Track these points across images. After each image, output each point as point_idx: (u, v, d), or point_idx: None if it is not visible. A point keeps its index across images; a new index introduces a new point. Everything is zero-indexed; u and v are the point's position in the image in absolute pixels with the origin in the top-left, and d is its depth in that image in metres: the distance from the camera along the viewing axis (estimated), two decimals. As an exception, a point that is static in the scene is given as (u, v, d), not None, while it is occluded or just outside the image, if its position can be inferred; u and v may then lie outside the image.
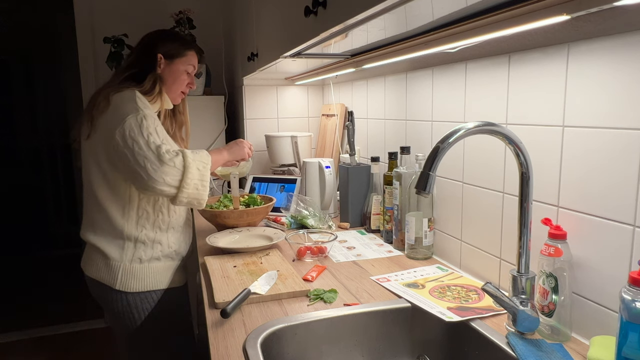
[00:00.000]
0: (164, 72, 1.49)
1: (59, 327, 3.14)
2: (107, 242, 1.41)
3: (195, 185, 1.34)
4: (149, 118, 1.34)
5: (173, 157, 1.30)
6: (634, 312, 0.68)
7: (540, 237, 0.94)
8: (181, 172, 1.31)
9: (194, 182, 1.34)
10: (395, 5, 0.78)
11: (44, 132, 5.01)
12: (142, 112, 1.33)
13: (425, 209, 1.38)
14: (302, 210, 1.80)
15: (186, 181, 1.32)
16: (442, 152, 0.85)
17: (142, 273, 1.43)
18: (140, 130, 1.30)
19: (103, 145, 1.35)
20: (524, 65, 1.03)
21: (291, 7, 1.33)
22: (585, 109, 0.88)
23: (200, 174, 1.36)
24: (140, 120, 1.31)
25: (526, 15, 0.79)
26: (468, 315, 1.00)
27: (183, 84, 1.53)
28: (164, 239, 1.46)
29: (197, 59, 1.56)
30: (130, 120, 1.31)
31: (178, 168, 1.31)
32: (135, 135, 1.29)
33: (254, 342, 0.93)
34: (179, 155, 1.32)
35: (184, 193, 1.33)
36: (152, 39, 1.52)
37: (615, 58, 0.82)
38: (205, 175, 1.37)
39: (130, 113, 1.32)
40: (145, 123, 1.32)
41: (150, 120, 1.33)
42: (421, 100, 1.49)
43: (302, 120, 2.53)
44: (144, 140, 1.29)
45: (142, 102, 1.38)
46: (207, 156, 1.41)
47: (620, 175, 0.82)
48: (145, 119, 1.32)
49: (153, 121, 1.34)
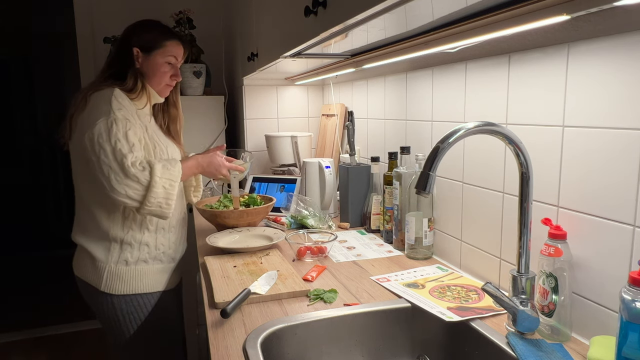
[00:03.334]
0: (143, 66, 1.42)
1: (59, 327, 3.15)
2: (94, 243, 1.39)
3: (158, 204, 1.30)
4: (120, 122, 1.28)
5: (138, 172, 1.27)
6: (634, 312, 0.68)
7: (540, 237, 0.94)
8: (144, 188, 1.27)
9: (158, 200, 1.30)
10: (395, 5, 0.78)
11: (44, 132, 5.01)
12: (114, 115, 1.28)
13: (425, 209, 1.38)
14: (302, 210, 1.80)
15: (149, 199, 1.28)
16: (442, 152, 0.85)
17: (128, 275, 1.39)
18: (109, 136, 1.26)
19: (79, 146, 1.31)
20: (524, 65, 1.03)
21: (291, 7, 1.33)
22: (585, 109, 0.88)
23: (165, 193, 1.31)
24: (110, 125, 1.26)
25: (526, 15, 0.79)
26: (468, 315, 1.00)
27: (165, 76, 1.45)
28: (151, 241, 1.43)
29: (179, 48, 1.47)
30: (100, 125, 1.26)
31: (142, 184, 1.27)
32: (103, 142, 1.25)
33: (254, 342, 0.93)
34: (145, 170, 1.28)
35: (146, 209, 1.30)
36: (128, 33, 1.45)
37: (615, 58, 0.82)
38: (171, 193, 1.33)
39: (101, 116, 1.27)
40: (114, 128, 1.27)
41: (120, 125, 1.28)
42: (421, 100, 1.49)
43: (302, 120, 2.53)
44: (110, 148, 1.25)
45: (119, 102, 1.32)
46: (177, 172, 1.35)
47: (620, 175, 0.82)
48: (115, 124, 1.27)
49: (124, 125, 1.29)
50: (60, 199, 5.02)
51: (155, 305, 1.45)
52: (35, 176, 5.05)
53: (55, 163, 4.99)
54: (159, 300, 1.46)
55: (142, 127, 1.39)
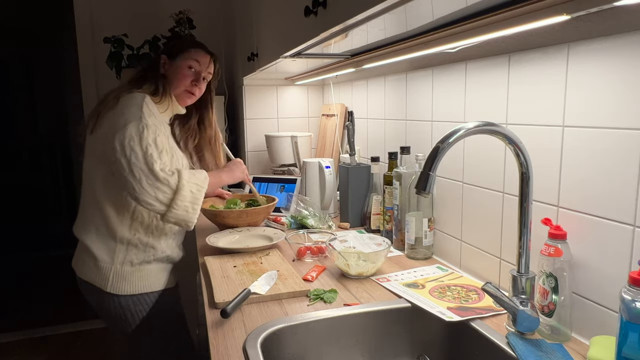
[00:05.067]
0: (168, 71, 1.47)
1: (59, 327, 3.15)
2: (99, 242, 1.39)
3: (185, 207, 1.32)
4: (150, 128, 1.31)
5: (168, 176, 1.29)
6: (634, 312, 0.68)
7: (540, 237, 0.94)
8: (173, 192, 1.30)
9: (185, 204, 1.32)
10: (395, 5, 0.78)
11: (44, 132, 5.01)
12: (145, 120, 1.31)
13: (425, 209, 1.38)
14: (302, 210, 1.80)
15: (176, 202, 1.30)
16: (442, 152, 0.85)
17: (134, 276, 1.41)
18: (140, 141, 1.28)
19: (103, 143, 1.33)
20: (524, 65, 1.03)
21: (291, 7, 1.33)
22: (586, 109, 0.88)
23: (192, 197, 1.33)
24: (141, 130, 1.29)
25: (526, 15, 0.79)
26: (468, 315, 1.00)
27: (185, 80, 1.47)
28: (157, 244, 1.45)
29: (204, 56, 1.50)
30: (132, 129, 1.28)
31: (171, 187, 1.29)
32: (135, 145, 1.27)
33: (254, 342, 0.93)
34: (174, 174, 1.31)
35: (173, 213, 1.31)
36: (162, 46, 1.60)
37: (615, 58, 0.82)
38: (198, 198, 1.35)
39: (133, 120, 1.30)
40: (145, 133, 1.29)
41: (150, 130, 1.31)
42: (421, 100, 1.49)
43: (302, 120, 2.53)
44: (142, 152, 1.27)
45: (149, 109, 1.36)
46: (204, 179, 1.39)
47: (621, 175, 0.82)
48: (146, 129, 1.30)
49: (154, 131, 1.32)
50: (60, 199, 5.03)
51: (162, 301, 1.48)
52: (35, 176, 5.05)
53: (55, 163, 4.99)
54: (164, 297, 1.49)
55: (167, 135, 1.43)
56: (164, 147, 1.34)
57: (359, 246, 1.38)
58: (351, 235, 1.45)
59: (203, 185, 1.37)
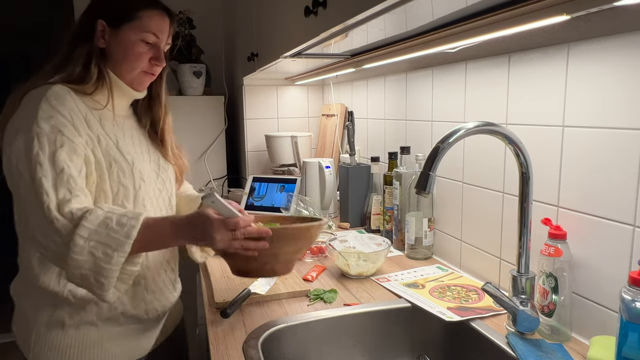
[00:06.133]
0: (110, 44, 0.99)
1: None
2: (23, 293, 1.01)
3: (82, 276, 0.85)
4: (44, 137, 0.87)
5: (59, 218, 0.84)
6: (634, 312, 0.68)
7: (540, 237, 0.94)
8: (63, 245, 0.84)
9: (81, 272, 0.84)
10: (395, 5, 0.78)
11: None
12: (37, 127, 0.88)
13: (425, 209, 1.38)
14: (302, 210, 1.80)
15: (69, 263, 0.83)
16: (442, 152, 0.85)
17: (65, 344, 0.96)
18: (28, 159, 0.86)
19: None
20: (524, 65, 1.03)
21: (291, 7, 1.33)
22: (586, 108, 0.88)
23: (94, 264, 0.84)
24: (29, 143, 0.87)
25: (526, 15, 0.79)
26: (468, 315, 1.00)
27: (141, 59, 1.01)
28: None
29: (163, 21, 1.02)
30: (19, 143, 0.88)
31: (60, 237, 0.84)
32: (23, 168, 0.87)
33: (254, 342, 0.93)
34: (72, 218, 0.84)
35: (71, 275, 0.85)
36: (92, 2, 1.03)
37: (615, 58, 0.82)
38: (105, 268, 0.84)
39: (20, 130, 0.89)
40: (36, 147, 0.86)
41: (45, 142, 0.87)
42: (421, 100, 1.49)
43: (302, 120, 2.53)
44: (28, 176, 0.86)
45: (51, 106, 0.90)
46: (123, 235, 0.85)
47: (620, 175, 0.82)
48: (37, 140, 0.87)
49: (52, 141, 0.88)
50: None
51: None
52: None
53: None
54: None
55: (93, 137, 0.95)
56: (69, 165, 0.88)
57: (359, 246, 1.38)
58: (351, 235, 1.45)
59: (117, 247, 0.84)
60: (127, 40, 0.99)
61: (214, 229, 0.88)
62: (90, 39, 0.99)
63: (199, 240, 0.95)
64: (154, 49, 1.02)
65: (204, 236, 0.90)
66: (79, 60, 0.97)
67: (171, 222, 0.91)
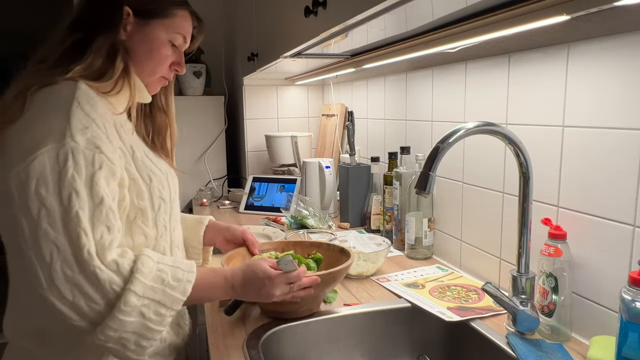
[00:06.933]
0: (133, 38, 0.85)
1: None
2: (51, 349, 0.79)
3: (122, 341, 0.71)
4: (81, 155, 0.70)
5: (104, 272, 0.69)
6: (634, 312, 0.68)
7: (540, 237, 0.94)
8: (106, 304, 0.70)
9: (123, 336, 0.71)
10: (395, 5, 0.78)
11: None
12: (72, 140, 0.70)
13: (425, 209, 1.38)
14: (302, 210, 1.80)
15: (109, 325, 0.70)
16: (442, 152, 0.85)
17: None
18: (59, 184, 0.68)
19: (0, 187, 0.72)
20: (524, 65, 1.03)
21: (291, 7, 1.33)
22: (586, 108, 0.88)
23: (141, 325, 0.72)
24: (63, 161, 0.69)
25: (526, 15, 0.79)
26: (468, 315, 1.00)
27: (165, 62, 0.90)
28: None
29: (190, 26, 0.93)
30: (44, 159, 0.69)
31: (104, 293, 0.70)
32: (47, 195, 0.68)
33: (254, 342, 0.93)
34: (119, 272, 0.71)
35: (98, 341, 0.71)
36: None
37: (615, 58, 0.82)
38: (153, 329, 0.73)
39: (48, 141, 0.70)
40: (70, 168, 0.69)
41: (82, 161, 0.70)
42: (421, 100, 1.49)
43: (302, 120, 2.53)
44: (60, 208, 0.68)
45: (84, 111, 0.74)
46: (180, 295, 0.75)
47: (620, 175, 0.82)
48: (72, 158, 0.69)
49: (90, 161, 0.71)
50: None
51: None
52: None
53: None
54: None
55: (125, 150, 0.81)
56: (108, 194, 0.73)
57: (359, 246, 1.38)
58: (351, 235, 1.45)
59: (172, 306, 0.75)
60: (155, 38, 0.87)
61: (275, 285, 0.85)
62: (114, 27, 0.83)
63: (253, 298, 0.90)
64: (177, 53, 0.92)
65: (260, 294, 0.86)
66: (100, 51, 0.81)
67: (225, 279, 0.84)
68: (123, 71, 0.83)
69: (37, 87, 0.77)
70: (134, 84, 0.86)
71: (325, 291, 1.03)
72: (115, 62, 0.82)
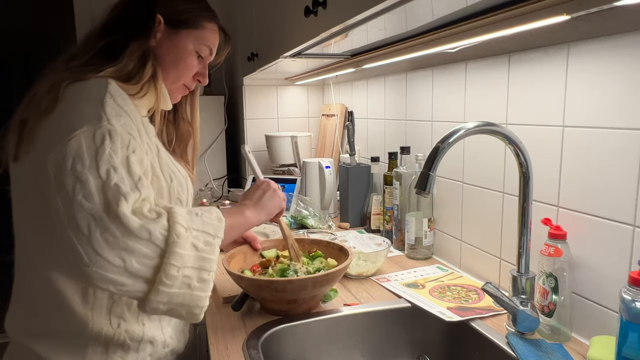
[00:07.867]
0: (161, 45, 0.90)
1: None
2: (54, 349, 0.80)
3: (185, 280, 0.72)
4: (118, 136, 0.73)
5: (148, 222, 0.69)
6: (634, 312, 0.68)
7: (540, 237, 0.94)
8: (159, 251, 0.70)
9: (184, 274, 0.71)
10: (395, 5, 0.78)
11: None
12: (108, 124, 0.73)
13: (425, 209, 1.38)
14: (302, 210, 1.80)
15: (167, 270, 0.69)
16: (442, 152, 0.85)
17: None
18: (96, 161, 0.70)
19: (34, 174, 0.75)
20: (524, 65, 1.03)
21: (291, 7, 1.33)
22: (586, 108, 0.88)
23: (197, 258, 0.73)
24: (100, 140, 0.71)
25: (526, 15, 0.79)
26: (468, 315, 1.00)
27: (190, 71, 0.94)
28: (157, 334, 0.87)
29: (217, 40, 0.99)
30: (80, 139, 0.70)
31: (155, 242, 0.69)
32: (83, 170, 0.69)
33: (254, 342, 0.93)
34: (161, 217, 0.71)
35: (161, 293, 0.70)
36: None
37: (615, 58, 0.82)
38: (208, 259, 0.75)
39: (85, 123, 0.72)
40: (107, 146, 0.71)
41: (118, 142, 0.73)
42: (421, 100, 1.49)
43: (302, 120, 2.53)
44: (96, 182, 0.69)
45: (116, 102, 0.78)
46: (217, 222, 0.78)
47: (620, 175, 0.82)
48: (110, 138, 0.72)
49: (124, 143, 0.74)
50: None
51: None
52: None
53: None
54: None
55: (153, 148, 0.86)
56: (142, 173, 0.75)
57: (359, 246, 1.38)
58: (351, 235, 1.45)
59: (217, 234, 0.77)
60: (183, 47, 0.92)
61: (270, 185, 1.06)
62: (147, 34, 0.88)
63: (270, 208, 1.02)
64: (202, 64, 0.97)
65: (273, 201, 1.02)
66: (133, 55, 0.85)
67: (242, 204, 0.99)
68: (151, 77, 0.87)
69: (70, 81, 0.80)
70: (160, 89, 0.90)
71: (323, 290, 1.06)
72: (145, 67, 0.86)
